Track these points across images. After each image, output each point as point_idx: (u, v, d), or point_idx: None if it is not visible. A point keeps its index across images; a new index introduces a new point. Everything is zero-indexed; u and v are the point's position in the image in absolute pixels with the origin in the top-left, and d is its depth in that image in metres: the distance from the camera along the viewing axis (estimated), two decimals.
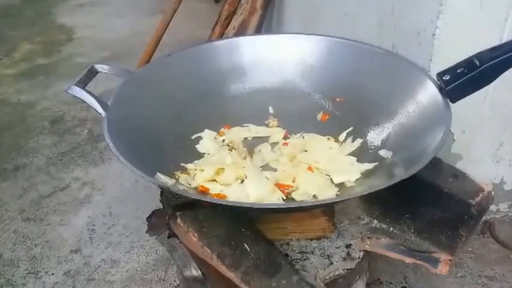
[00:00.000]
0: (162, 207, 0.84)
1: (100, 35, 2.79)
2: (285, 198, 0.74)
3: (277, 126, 0.91)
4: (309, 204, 0.70)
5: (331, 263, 0.72)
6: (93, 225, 1.42)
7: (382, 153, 0.79)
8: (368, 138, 0.84)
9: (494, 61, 0.70)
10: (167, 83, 0.90)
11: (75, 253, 1.33)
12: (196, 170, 0.78)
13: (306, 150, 0.83)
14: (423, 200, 0.77)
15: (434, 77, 0.77)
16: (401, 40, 1.12)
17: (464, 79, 0.72)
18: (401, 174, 0.65)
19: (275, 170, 0.80)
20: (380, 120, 0.84)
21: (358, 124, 0.86)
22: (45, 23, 3.04)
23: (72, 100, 1.78)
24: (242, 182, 0.75)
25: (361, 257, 0.74)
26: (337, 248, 0.75)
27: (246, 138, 0.89)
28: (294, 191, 0.75)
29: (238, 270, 0.66)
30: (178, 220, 0.75)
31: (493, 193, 0.76)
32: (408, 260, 0.74)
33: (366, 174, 0.76)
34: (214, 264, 0.69)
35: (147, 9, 3.07)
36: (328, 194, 0.73)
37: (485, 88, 0.74)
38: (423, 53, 1.02)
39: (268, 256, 0.69)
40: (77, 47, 2.68)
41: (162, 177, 0.71)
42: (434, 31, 0.98)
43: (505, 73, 0.71)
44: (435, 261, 0.73)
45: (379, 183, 0.65)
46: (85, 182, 1.61)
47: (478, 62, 0.71)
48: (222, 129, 0.90)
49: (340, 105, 0.92)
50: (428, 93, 0.77)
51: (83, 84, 0.81)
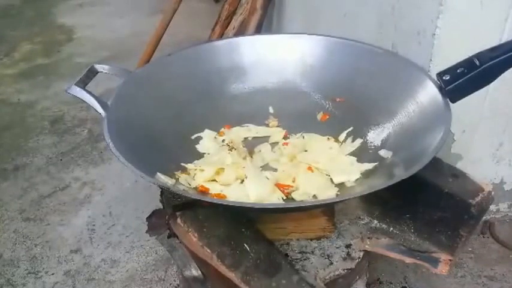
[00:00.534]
0: (162, 207, 0.84)
1: (100, 35, 2.79)
2: (285, 198, 0.74)
3: (277, 126, 0.91)
4: (308, 204, 0.70)
5: (331, 263, 0.73)
6: (93, 225, 1.42)
7: (382, 153, 0.79)
8: (368, 138, 0.84)
9: (494, 61, 0.70)
10: (167, 83, 0.90)
11: (75, 253, 1.33)
12: (196, 170, 0.78)
13: (306, 150, 0.83)
14: (423, 200, 0.76)
15: (434, 77, 0.77)
16: (401, 40, 1.12)
17: (464, 79, 0.72)
18: (401, 174, 0.65)
19: (275, 170, 0.80)
20: (380, 120, 0.84)
21: (358, 124, 0.86)
22: (45, 23, 3.04)
23: (72, 100, 1.78)
24: (242, 182, 0.76)
25: (361, 257, 0.74)
26: (337, 248, 0.75)
27: (246, 138, 0.89)
28: (294, 191, 0.75)
29: (238, 270, 0.66)
30: (178, 220, 0.75)
31: (493, 193, 0.76)
32: (408, 260, 0.74)
33: (366, 174, 0.76)
34: (214, 264, 0.69)
35: (147, 9, 3.07)
36: (328, 194, 0.73)
37: (485, 88, 0.74)
38: (423, 53, 1.02)
39: (268, 256, 0.68)
40: (76, 47, 2.68)
41: (162, 177, 0.71)
42: (434, 31, 0.98)
43: (505, 73, 0.71)
44: (435, 261, 0.73)
45: (379, 183, 0.66)
46: (85, 182, 1.61)
47: (478, 62, 0.71)
48: (222, 129, 0.90)
49: (340, 105, 0.92)
50: (428, 93, 0.77)
51: (83, 84, 0.81)
